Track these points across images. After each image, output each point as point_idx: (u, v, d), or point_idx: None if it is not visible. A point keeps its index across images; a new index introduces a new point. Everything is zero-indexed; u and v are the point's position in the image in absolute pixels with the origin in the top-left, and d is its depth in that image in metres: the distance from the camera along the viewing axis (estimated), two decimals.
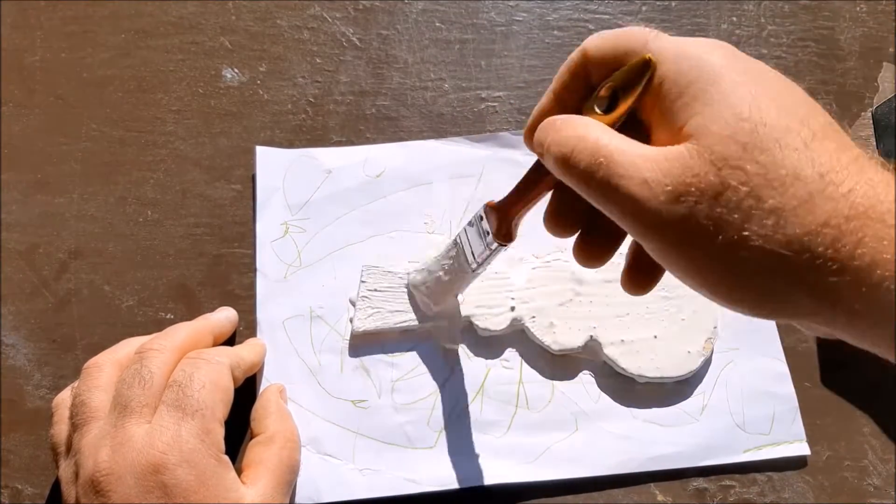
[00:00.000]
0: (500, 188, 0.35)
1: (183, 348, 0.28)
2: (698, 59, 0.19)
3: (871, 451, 0.32)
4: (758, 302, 0.18)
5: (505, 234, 0.27)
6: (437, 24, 0.40)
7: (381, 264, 0.34)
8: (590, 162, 0.19)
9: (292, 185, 0.36)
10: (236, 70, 0.39)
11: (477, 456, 0.31)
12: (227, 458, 0.26)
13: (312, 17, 0.40)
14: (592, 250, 0.24)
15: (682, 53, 0.19)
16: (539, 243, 0.34)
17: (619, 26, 0.40)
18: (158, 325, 0.33)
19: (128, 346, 0.29)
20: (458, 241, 0.30)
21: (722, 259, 0.18)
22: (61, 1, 0.40)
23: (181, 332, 0.29)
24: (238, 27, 0.40)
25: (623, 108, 0.20)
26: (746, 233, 0.17)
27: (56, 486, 0.32)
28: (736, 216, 0.17)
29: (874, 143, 0.34)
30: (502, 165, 0.36)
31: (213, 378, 0.27)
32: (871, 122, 0.34)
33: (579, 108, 0.22)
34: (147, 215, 0.36)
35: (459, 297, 0.33)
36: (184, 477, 0.24)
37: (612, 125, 0.20)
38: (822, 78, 0.39)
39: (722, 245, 0.17)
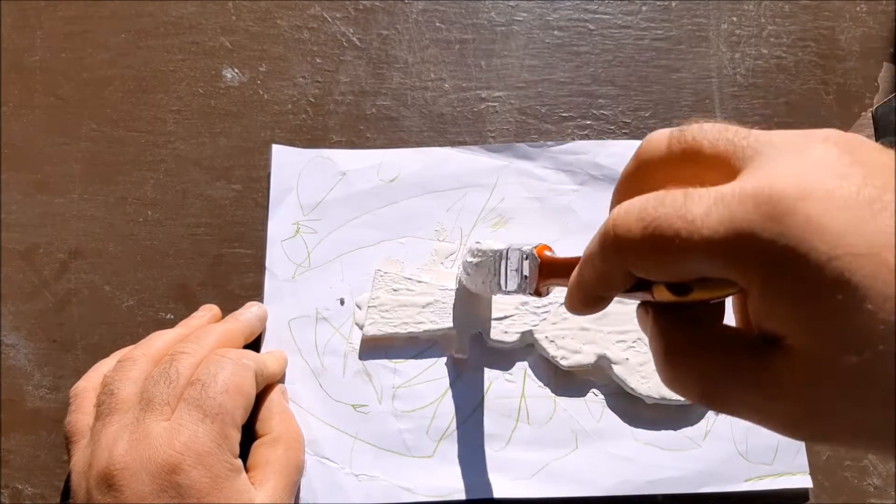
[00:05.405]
0: (514, 199, 0.36)
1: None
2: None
3: None
4: None
5: (540, 292, 0.26)
6: (438, 24, 0.40)
7: (392, 269, 0.34)
8: None
9: (306, 185, 0.36)
10: (236, 70, 0.39)
11: (474, 468, 0.31)
12: (239, 461, 0.27)
13: (312, 17, 0.40)
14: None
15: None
16: None
17: (620, 26, 0.40)
18: (158, 326, 0.33)
19: (159, 340, 0.30)
20: (495, 260, 0.28)
21: None
22: (61, 1, 0.40)
23: (212, 336, 0.29)
24: (238, 27, 0.40)
25: (695, 297, 0.17)
26: None
27: (57, 485, 0.32)
28: None
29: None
30: (517, 177, 0.36)
31: (237, 381, 0.27)
32: (871, 122, 0.34)
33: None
34: (147, 215, 0.36)
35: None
36: (198, 478, 0.25)
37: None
38: (822, 78, 0.39)
39: None
